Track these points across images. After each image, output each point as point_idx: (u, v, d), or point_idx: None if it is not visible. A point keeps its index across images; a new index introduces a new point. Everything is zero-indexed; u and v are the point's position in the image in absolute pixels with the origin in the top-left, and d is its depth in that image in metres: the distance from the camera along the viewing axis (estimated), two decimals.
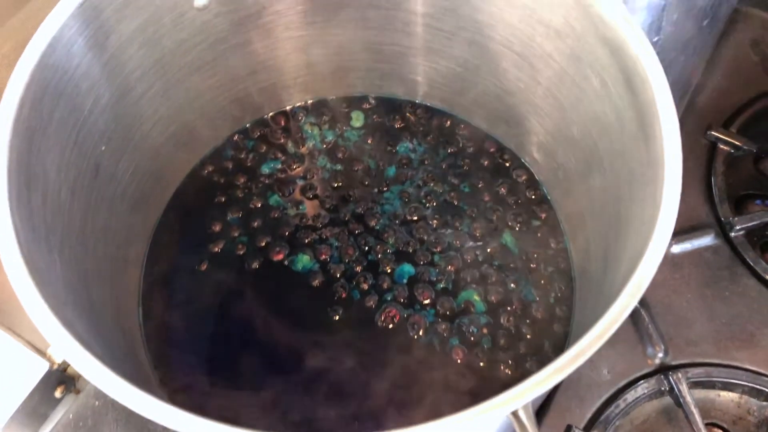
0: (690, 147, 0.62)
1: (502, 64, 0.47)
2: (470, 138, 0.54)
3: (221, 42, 0.47)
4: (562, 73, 0.42)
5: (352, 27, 0.49)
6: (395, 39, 0.50)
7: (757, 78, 0.66)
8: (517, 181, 0.52)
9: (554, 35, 0.41)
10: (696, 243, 0.58)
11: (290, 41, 0.50)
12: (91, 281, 0.39)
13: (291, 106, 0.55)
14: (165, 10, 0.42)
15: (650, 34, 0.47)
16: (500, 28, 0.44)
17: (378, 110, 0.55)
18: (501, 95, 0.49)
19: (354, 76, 0.54)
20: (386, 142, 0.54)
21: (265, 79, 0.52)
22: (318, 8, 0.48)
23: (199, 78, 0.48)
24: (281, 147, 0.54)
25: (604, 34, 0.37)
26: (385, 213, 0.51)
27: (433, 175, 0.52)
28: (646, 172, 0.34)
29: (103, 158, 0.42)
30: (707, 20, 0.49)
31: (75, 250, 0.38)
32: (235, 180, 0.52)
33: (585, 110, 0.42)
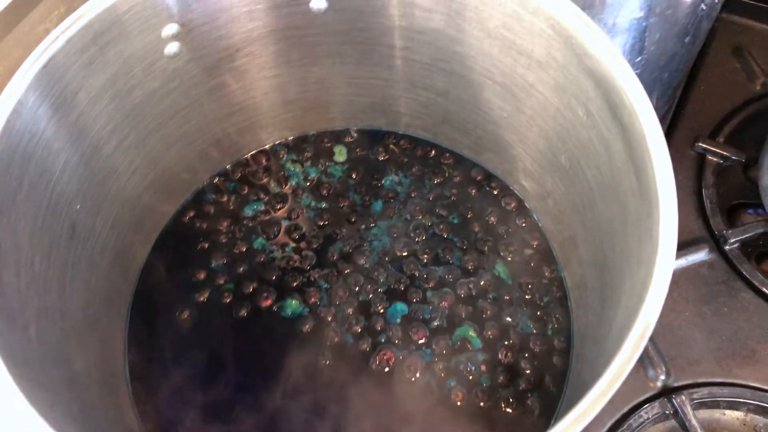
0: (678, 160, 0.61)
1: (484, 94, 0.46)
2: (456, 167, 0.53)
3: (195, 87, 0.46)
4: (546, 103, 0.41)
5: (329, 63, 0.48)
6: (374, 72, 0.49)
7: (741, 85, 0.66)
8: (506, 209, 0.51)
9: (536, 66, 0.40)
10: (691, 259, 0.57)
11: (266, 81, 0.49)
12: (71, 349, 0.37)
13: (271, 143, 0.54)
14: (135, 60, 0.40)
15: (633, 54, 0.47)
16: (480, 59, 0.43)
17: (361, 143, 0.54)
18: (484, 124, 0.48)
19: (334, 110, 0.53)
20: (371, 176, 0.53)
21: (243, 120, 0.51)
22: (292, 47, 0.47)
23: (175, 125, 0.46)
24: (263, 187, 0.52)
25: (588, 66, 0.36)
26: (374, 250, 0.49)
27: (421, 208, 0.51)
28: (639, 208, 0.33)
29: (79, 217, 0.40)
30: (689, 37, 0.48)
31: (52, 318, 0.36)
32: (218, 225, 0.51)
33: (572, 140, 0.41)
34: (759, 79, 0.65)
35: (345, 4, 0.43)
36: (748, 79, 0.65)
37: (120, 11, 0.38)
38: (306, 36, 0.46)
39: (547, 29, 0.37)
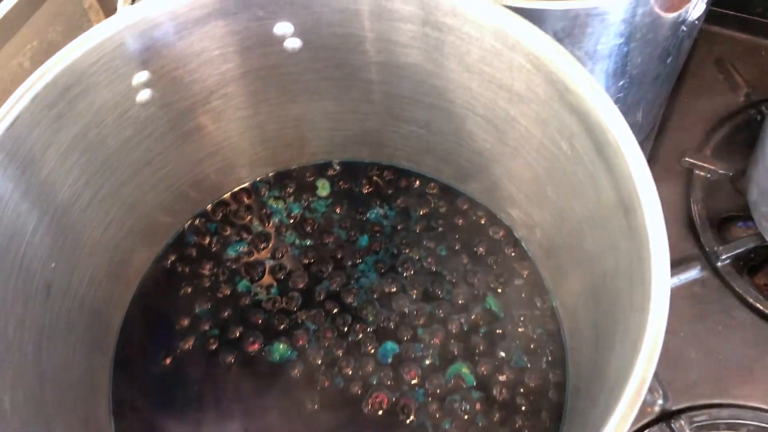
0: (666, 176, 0.61)
1: (466, 126, 0.45)
2: (441, 197, 0.52)
3: (170, 132, 0.44)
4: (529, 136, 0.40)
5: (306, 99, 0.47)
6: (353, 107, 0.48)
7: (725, 96, 0.65)
8: (494, 238, 0.50)
9: (517, 99, 0.39)
10: (683, 277, 0.56)
11: (244, 120, 0.48)
12: (51, 414, 0.36)
13: (252, 181, 0.53)
14: (106, 111, 0.39)
15: (616, 78, 0.46)
16: (460, 93, 0.43)
17: (344, 176, 0.53)
18: (468, 155, 0.47)
19: (315, 144, 0.52)
20: (356, 210, 0.52)
21: (221, 160, 0.50)
22: (269, 85, 0.46)
23: (151, 170, 0.45)
24: (246, 226, 0.51)
25: (570, 102, 0.35)
26: (362, 287, 0.48)
27: (408, 241, 0.50)
28: (630, 250, 0.32)
29: (55, 275, 0.39)
30: (671, 58, 0.47)
31: (30, 386, 0.35)
32: (201, 268, 0.49)
33: (557, 173, 0.40)
34: (742, 90, 0.64)
35: (320, 43, 0.42)
36: (732, 90, 0.65)
37: (87, 63, 0.36)
38: (282, 74, 0.45)
39: (526, 64, 0.36)
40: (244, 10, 0.39)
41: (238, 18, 0.40)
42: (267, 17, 0.40)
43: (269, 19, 0.40)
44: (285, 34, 0.42)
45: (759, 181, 0.54)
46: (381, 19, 0.40)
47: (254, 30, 0.41)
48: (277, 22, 0.41)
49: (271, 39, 0.42)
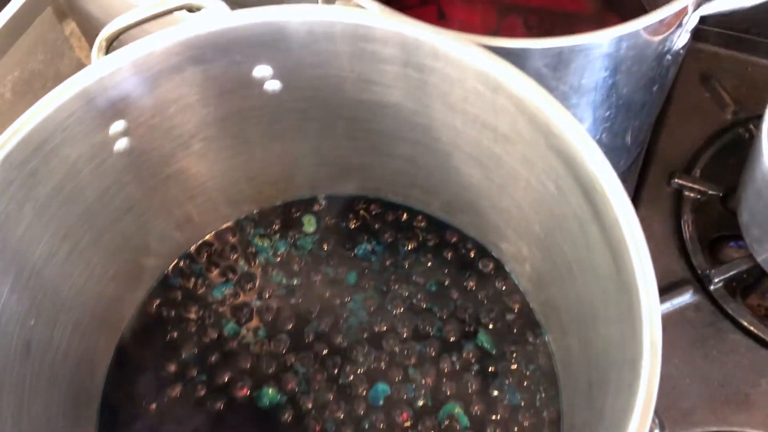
0: (655, 198, 0.60)
1: (451, 162, 0.44)
2: (429, 230, 0.51)
3: (151, 177, 0.44)
4: (515, 174, 0.40)
5: (290, 138, 0.47)
6: (337, 143, 0.47)
7: (712, 114, 0.65)
8: (483, 271, 0.49)
9: (502, 139, 0.39)
10: (676, 302, 0.56)
11: (226, 161, 0.47)
12: None
13: (236, 219, 0.52)
14: (82, 163, 0.38)
15: (602, 110, 0.45)
16: (444, 131, 0.42)
17: (330, 211, 0.52)
18: (455, 189, 0.47)
19: (300, 180, 0.51)
20: (343, 246, 0.51)
21: (205, 200, 0.49)
22: (251, 126, 0.45)
23: (132, 217, 0.44)
24: (231, 267, 0.50)
25: (555, 145, 0.34)
26: (351, 327, 0.47)
27: (397, 277, 0.49)
28: (620, 299, 0.31)
29: (35, 332, 0.38)
30: (656, 86, 0.47)
31: None
32: (186, 312, 0.49)
33: (545, 212, 0.39)
34: (729, 108, 0.64)
35: (300, 84, 0.42)
36: (719, 108, 0.65)
37: (60, 118, 0.36)
38: (263, 115, 0.44)
39: (509, 106, 0.36)
40: (220, 56, 0.39)
41: (215, 63, 0.39)
42: (245, 61, 0.39)
43: (247, 63, 0.40)
44: (264, 76, 0.41)
45: (749, 204, 0.53)
46: (361, 60, 0.39)
47: (232, 74, 0.40)
48: (256, 65, 0.40)
49: (251, 82, 0.41)
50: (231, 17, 0.37)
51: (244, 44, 0.38)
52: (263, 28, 0.38)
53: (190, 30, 0.37)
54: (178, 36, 0.36)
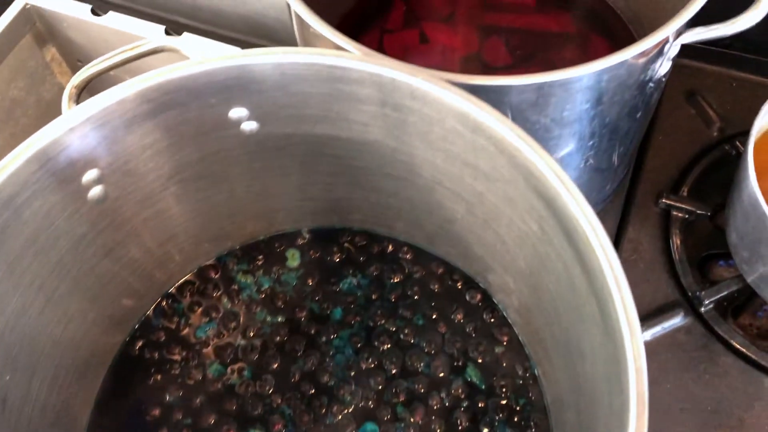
0: (643, 219, 0.60)
1: (434, 197, 0.44)
2: (415, 262, 0.51)
3: (128, 221, 0.43)
4: (498, 211, 0.39)
5: (270, 175, 0.46)
6: (319, 179, 0.47)
7: (698, 131, 0.64)
8: (471, 303, 0.49)
9: (483, 177, 0.38)
10: (666, 325, 0.55)
11: (207, 200, 0.46)
12: None
13: (219, 255, 0.51)
14: (56, 213, 0.38)
15: (584, 140, 0.45)
16: (425, 168, 0.41)
17: (314, 244, 0.52)
18: (439, 222, 0.46)
19: (283, 215, 0.51)
20: (328, 280, 0.50)
21: (186, 239, 0.48)
22: (230, 165, 0.44)
23: (110, 261, 0.43)
24: (214, 305, 0.50)
25: (536, 187, 0.33)
26: (338, 365, 0.47)
27: (383, 311, 0.49)
28: (606, 345, 0.30)
29: (11, 387, 0.37)
30: (640, 113, 0.46)
31: None
32: (170, 353, 0.48)
33: (528, 249, 0.38)
34: (715, 125, 0.64)
35: (278, 124, 0.41)
36: (705, 125, 0.64)
37: (31, 170, 0.35)
38: (242, 155, 0.43)
39: (489, 146, 0.35)
40: (194, 100, 0.38)
41: (190, 107, 0.38)
42: (220, 104, 0.39)
43: (222, 106, 0.39)
44: (241, 117, 0.40)
45: (737, 225, 0.53)
46: (339, 100, 0.39)
47: (208, 117, 0.39)
48: (231, 107, 0.39)
49: (227, 123, 0.40)
50: (203, 62, 0.36)
51: (218, 88, 0.37)
52: (236, 72, 0.37)
53: (161, 76, 0.36)
54: (149, 82, 0.36)
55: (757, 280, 0.53)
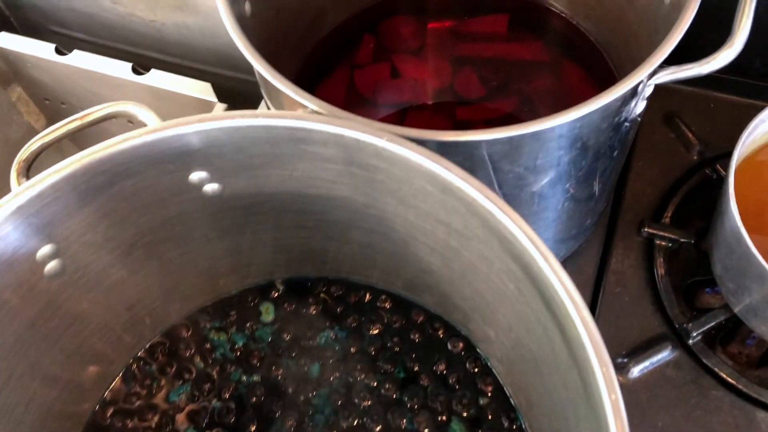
0: (626, 250, 0.59)
1: (409, 249, 0.42)
2: (394, 311, 0.49)
3: (90, 291, 0.41)
4: (474, 268, 0.38)
5: (237, 233, 0.44)
6: (290, 233, 0.45)
7: (678, 155, 0.63)
8: (453, 352, 0.47)
9: (457, 235, 0.36)
10: (655, 360, 0.54)
11: (173, 261, 0.44)
12: None
13: (190, 312, 0.49)
14: (9, 293, 0.36)
15: (561, 183, 0.43)
16: (397, 222, 0.40)
17: (289, 296, 0.50)
18: (416, 272, 0.45)
19: (255, 268, 0.49)
20: (304, 335, 0.48)
21: (154, 300, 0.46)
22: (194, 227, 0.42)
23: (73, 333, 0.41)
24: (187, 367, 0.48)
25: (510, 250, 0.32)
26: (318, 425, 0.45)
27: (363, 366, 0.47)
28: (590, 419, 0.29)
29: None
30: (617, 151, 0.45)
31: None
32: (142, 420, 0.46)
33: (507, 308, 0.37)
34: (695, 147, 0.63)
35: (241, 184, 0.39)
36: (685, 148, 0.63)
37: None
38: (206, 216, 0.42)
39: (460, 207, 0.34)
40: (151, 168, 0.36)
41: (146, 175, 0.36)
42: (178, 170, 0.37)
43: (181, 171, 0.37)
44: (202, 180, 0.38)
45: (721, 258, 0.52)
46: (303, 160, 0.37)
47: (167, 182, 0.38)
48: (192, 171, 0.38)
49: (188, 187, 0.39)
50: (157, 129, 0.34)
51: (175, 154, 0.36)
52: (193, 138, 0.35)
53: (112, 147, 0.34)
54: (100, 154, 0.34)
55: (744, 311, 0.52)
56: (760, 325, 0.51)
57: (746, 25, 0.38)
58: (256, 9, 0.49)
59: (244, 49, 0.39)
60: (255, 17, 0.49)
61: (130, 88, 0.75)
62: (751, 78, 0.63)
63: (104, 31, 0.85)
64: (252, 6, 0.48)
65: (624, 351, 0.54)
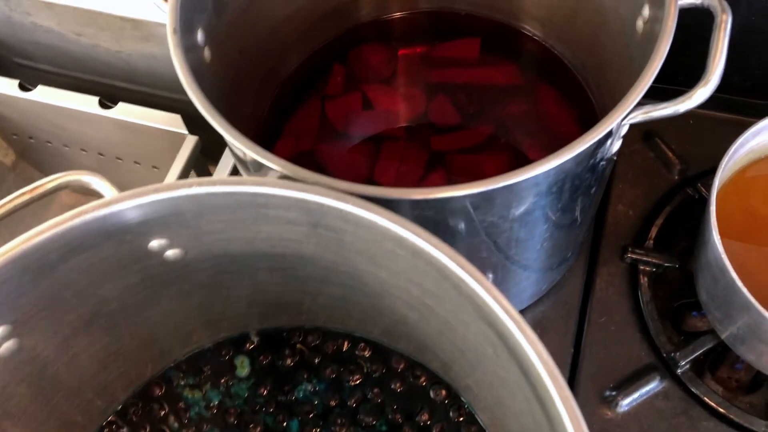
0: (610, 277, 0.57)
1: (384, 302, 0.41)
2: (374, 359, 0.47)
3: (51, 364, 0.39)
4: (450, 327, 0.36)
5: (206, 292, 0.43)
6: (262, 287, 0.44)
7: (659, 175, 0.62)
8: (436, 401, 0.46)
9: (431, 295, 0.35)
10: (643, 391, 0.53)
11: (141, 323, 0.43)
12: None
13: (163, 369, 0.48)
14: None
15: (539, 226, 0.42)
16: (370, 279, 0.38)
17: (264, 348, 0.48)
18: (392, 323, 0.43)
19: (228, 322, 0.47)
20: (281, 389, 0.47)
21: (123, 363, 0.44)
22: (159, 290, 0.41)
23: (36, 407, 0.40)
24: (160, 428, 0.46)
25: (486, 318, 0.30)
26: None
27: (343, 420, 0.45)
28: None
29: None
30: (595, 188, 0.44)
31: None
32: None
33: (487, 367, 0.36)
34: (676, 167, 0.61)
35: (204, 248, 0.38)
36: (666, 168, 0.62)
37: None
38: (170, 279, 0.40)
39: (431, 271, 0.32)
40: (106, 240, 0.34)
41: (103, 247, 0.35)
42: (136, 239, 0.35)
43: (139, 240, 0.36)
44: (163, 247, 0.37)
45: (706, 286, 0.50)
46: (267, 222, 0.35)
47: (126, 251, 0.36)
48: (151, 240, 0.36)
49: (149, 254, 0.37)
50: (110, 203, 0.33)
51: (132, 225, 0.34)
52: (149, 208, 0.33)
53: (64, 224, 0.32)
54: (50, 232, 0.32)
55: (730, 338, 0.51)
56: (748, 352, 0.50)
57: (720, 63, 0.37)
58: (217, 53, 0.47)
59: (201, 106, 0.37)
60: (217, 61, 0.47)
61: (98, 122, 0.73)
62: (730, 93, 0.62)
63: (70, 62, 0.83)
64: (212, 51, 0.46)
65: (611, 383, 0.53)
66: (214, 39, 0.46)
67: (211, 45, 0.46)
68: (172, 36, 0.39)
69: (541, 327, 0.55)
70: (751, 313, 0.45)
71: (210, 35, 0.46)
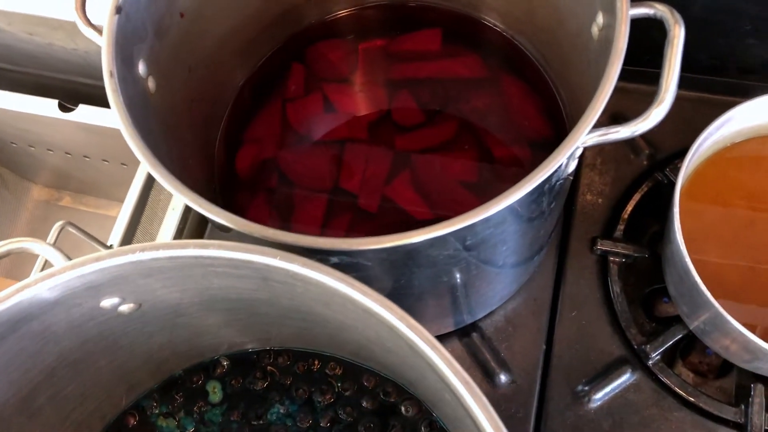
0: (580, 269, 0.57)
1: (346, 333, 0.40)
2: (345, 377, 0.48)
3: (17, 415, 0.39)
4: (410, 366, 0.36)
5: (166, 333, 0.42)
6: (226, 323, 0.43)
7: (627, 161, 0.61)
8: (407, 416, 0.46)
9: (389, 342, 0.35)
10: (615, 384, 0.53)
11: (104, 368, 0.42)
12: None
13: (136, 399, 0.48)
14: None
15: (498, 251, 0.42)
16: (329, 318, 0.38)
17: (235, 372, 0.49)
18: (356, 348, 0.43)
19: (197, 351, 0.47)
20: (254, 413, 0.47)
21: (93, 401, 0.45)
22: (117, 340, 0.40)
23: None
24: None
25: (441, 379, 0.30)
26: None
27: None
28: None
29: None
30: (554, 203, 0.43)
31: None
32: None
33: (449, 409, 0.36)
34: (644, 152, 0.61)
35: (158, 300, 0.37)
36: (634, 154, 0.61)
37: None
38: (128, 328, 0.40)
39: (384, 328, 0.32)
40: (56, 306, 0.34)
41: (54, 312, 0.34)
42: (86, 302, 0.35)
43: (90, 302, 0.35)
44: (114, 304, 0.36)
45: (673, 282, 0.51)
46: (217, 277, 0.35)
47: (77, 312, 0.35)
48: (102, 299, 0.35)
49: (102, 311, 0.36)
50: (53, 273, 0.32)
51: (79, 291, 0.34)
52: (95, 275, 0.33)
53: (9, 298, 0.32)
54: None
55: (698, 330, 0.51)
56: (714, 343, 0.51)
57: (673, 81, 0.36)
58: (163, 77, 0.45)
59: (141, 156, 0.36)
60: (164, 85, 0.46)
61: (60, 125, 0.71)
62: (697, 72, 0.61)
63: (27, 60, 0.81)
64: (157, 78, 0.45)
65: (584, 378, 0.54)
66: (158, 65, 0.45)
67: (155, 72, 0.44)
68: (109, 80, 0.37)
69: (513, 324, 0.55)
70: (714, 313, 0.45)
71: (153, 62, 0.44)
